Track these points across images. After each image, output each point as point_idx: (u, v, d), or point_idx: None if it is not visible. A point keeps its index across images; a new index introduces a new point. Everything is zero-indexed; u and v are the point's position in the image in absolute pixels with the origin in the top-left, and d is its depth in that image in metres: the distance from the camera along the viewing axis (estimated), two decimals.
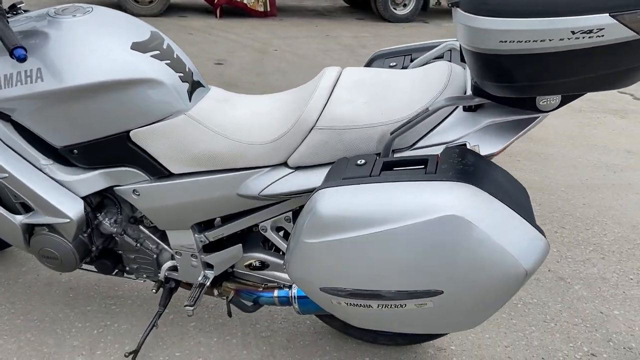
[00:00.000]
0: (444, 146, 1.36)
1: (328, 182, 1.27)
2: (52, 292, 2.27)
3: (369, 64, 1.87)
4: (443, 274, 1.16)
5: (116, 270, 1.92)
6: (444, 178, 1.17)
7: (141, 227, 1.79)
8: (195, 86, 1.65)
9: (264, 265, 1.80)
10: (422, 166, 1.25)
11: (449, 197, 1.13)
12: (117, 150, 1.61)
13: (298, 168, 1.51)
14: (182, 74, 1.61)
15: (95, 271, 1.93)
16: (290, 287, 1.74)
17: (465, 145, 1.31)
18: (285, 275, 1.79)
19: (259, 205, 1.62)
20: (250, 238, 1.79)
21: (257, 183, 1.53)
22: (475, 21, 1.05)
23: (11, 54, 1.39)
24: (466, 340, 2.05)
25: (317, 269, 1.29)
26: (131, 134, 1.57)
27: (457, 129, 1.36)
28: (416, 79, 1.48)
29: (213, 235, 1.74)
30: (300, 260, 1.31)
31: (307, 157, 1.47)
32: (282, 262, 1.77)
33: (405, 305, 1.25)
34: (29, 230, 1.77)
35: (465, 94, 1.40)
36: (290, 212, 1.65)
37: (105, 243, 1.84)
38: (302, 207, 1.62)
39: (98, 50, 1.49)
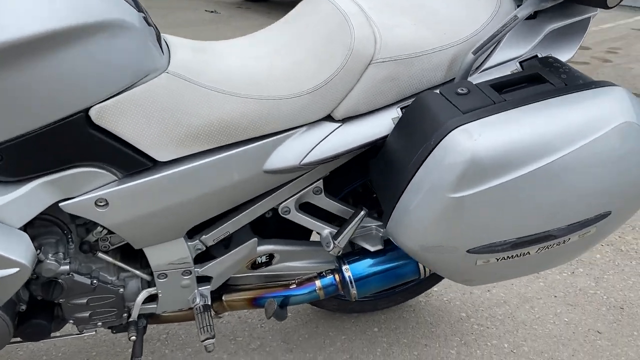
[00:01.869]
0: (514, 62, 1.22)
1: (452, 120, 1.02)
2: None
3: None
4: (616, 192, 1.06)
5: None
6: (584, 87, 1.04)
7: (100, 256, 1.23)
8: (157, 32, 1.16)
9: (270, 260, 1.42)
10: (539, 82, 1.10)
11: (612, 105, 1.02)
12: (68, 143, 1.05)
13: (345, 120, 1.19)
14: (143, 15, 1.10)
15: (19, 341, 1.27)
16: (334, 271, 1.41)
17: (545, 57, 1.20)
18: (298, 263, 1.44)
19: (287, 180, 1.25)
20: (261, 227, 1.38)
21: (294, 149, 1.17)
22: None
23: None
24: (444, 280, 2.00)
25: (467, 228, 1.04)
26: (92, 112, 1.04)
27: (521, 42, 1.24)
28: None
29: (214, 236, 1.29)
30: (436, 223, 1.04)
31: (362, 102, 1.18)
32: (299, 248, 1.42)
33: (570, 239, 1.10)
34: None
35: None
36: (321, 181, 1.31)
37: (41, 292, 1.22)
38: (336, 170, 1.30)
39: None
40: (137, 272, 1.30)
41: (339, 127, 1.19)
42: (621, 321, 1.82)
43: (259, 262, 1.43)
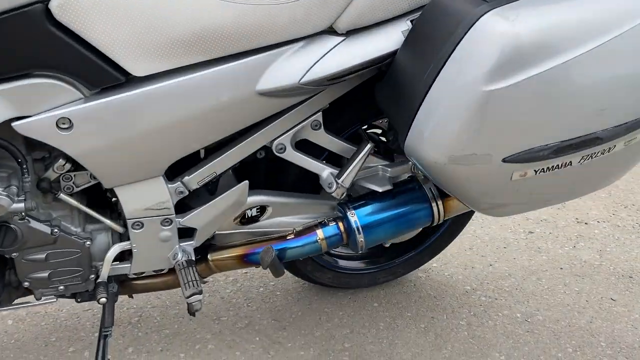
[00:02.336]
0: None
1: (480, 7, 0.89)
2: None
3: None
4: None
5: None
6: None
7: (63, 198, 1.03)
8: None
9: (262, 214, 1.24)
10: None
11: None
12: (24, 42, 0.88)
13: (349, 33, 1.05)
14: None
15: None
16: (338, 219, 1.23)
17: None
18: (294, 219, 1.27)
19: (282, 108, 1.09)
20: (252, 175, 1.21)
21: (292, 66, 1.02)
22: None
23: None
24: (440, 255, 1.86)
25: (504, 129, 0.90)
26: (52, 4, 0.88)
27: None
28: None
29: (199, 177, 1.11)
30: (468, 126, 0.90)
31: (367, 11, 1.05)
32: (295, 200, 1.25)
33: (615, 146, 0.97)
34: None
35: None
36: (320, 114, 1.15)
37: None
38: (336, 101, 1.15)
39: None
40: (108, 221, 1.10)
41: (343, 40, 1.05)
42: (633, 289, 1.70)
43: (249, 216, 1.25)
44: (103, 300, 1.10)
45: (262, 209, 1.26)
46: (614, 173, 1.09)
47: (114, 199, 1.09)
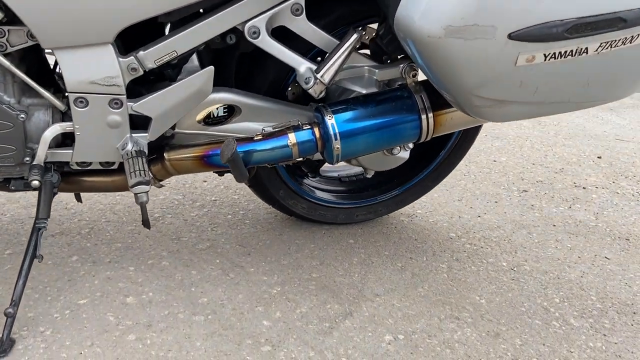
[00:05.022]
0: None
1: None
2: None
3: None
4: None
5: None
6: None
7: None
8: None
9: (230, 115, 1.11)
10: None
11: None
12: None
13: None
14: None
15: None
16: (314, 124, 1.10)
17: None
18: (261, 125, 1.13)
19: None
20: (221, 65, 1.07)
21: None
22: None
23: None
24: (426, 204, 1.73)
25: None
26: None
27: None
28: None
29: (156, 55, 0.98)
30: None
31: None
32: (269, 104, 1.12)
33: (638, 36, 0.84)
34: None
35: None
36: None
37: None
38: None
39: None
40: (48, 94, 0.97)
41: None
42: (629, 250, 1.58)
43: (215, 115, 1.11)
44: (35, 183, 0.97)
45: (230, 110, 1.12)
46: (632, 77, 0.95)
47: (58, 70, 0.95)
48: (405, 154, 1.28)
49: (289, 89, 1.23)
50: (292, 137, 1.08)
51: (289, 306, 1.17)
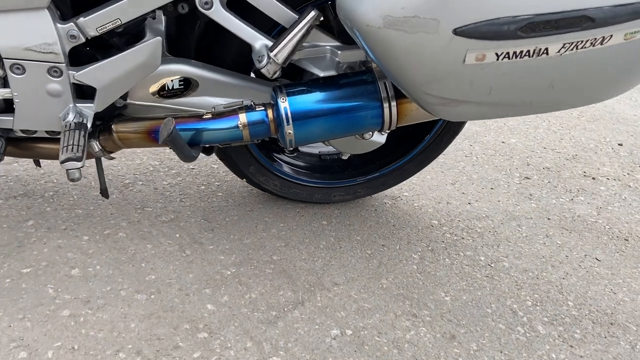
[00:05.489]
0: None
1: None
2: None
3: None
4: None
5: None
6: None
7: None
8: None
9: (186, 89, 1.05)
10: None
11: None
12: None
13: None
14: None
15: None
16: (268, 105, 1.03)
17: None
18: (219, 100, 1.07)
19: None
20: (173, 38, 1.01)
21: None
22: None
23: None
24: (415, 185, 1.65)
25: None
26: None
27: None
28: None
29: (98, 22, 0.92)
30: None
31: None
32: (228, 79, 1.05)
33: (611, 37, 0.74)
34: None
35: None
36: None
37: None
38: None
39: None
40: None
41: None
42: (625, 252, 1.48)
43: (170, 88, 1.06)
44: None
45: (187, 83, 1.06)
46: (607, 80, 0.84)
47: None
48: (381, 138, 1.20)
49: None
50: (242, 118, 1.01)
51: (239, 290, 1.14)
